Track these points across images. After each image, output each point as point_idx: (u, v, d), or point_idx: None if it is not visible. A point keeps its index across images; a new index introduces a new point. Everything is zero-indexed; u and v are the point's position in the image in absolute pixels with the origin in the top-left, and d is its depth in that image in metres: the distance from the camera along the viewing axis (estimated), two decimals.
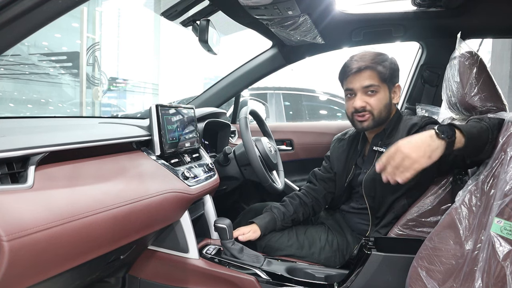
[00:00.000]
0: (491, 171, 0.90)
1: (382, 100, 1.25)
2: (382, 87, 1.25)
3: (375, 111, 1.24)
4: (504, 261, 0.78)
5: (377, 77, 1.24)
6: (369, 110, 1.24)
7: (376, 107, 1.24)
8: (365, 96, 1.25)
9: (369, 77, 1.23)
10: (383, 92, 1.25)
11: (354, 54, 1.31)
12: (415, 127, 1.19)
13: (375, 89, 1.24)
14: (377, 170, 0.96)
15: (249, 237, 1.34)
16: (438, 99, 1.72)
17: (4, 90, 8.52)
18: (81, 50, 8.03)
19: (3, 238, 0.63)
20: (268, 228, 1.38)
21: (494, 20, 1.65)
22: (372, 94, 1.24)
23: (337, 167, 1.44)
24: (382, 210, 1.26)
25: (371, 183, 1.25)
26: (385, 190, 1.22)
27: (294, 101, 5.02)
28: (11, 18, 0.68)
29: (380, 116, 1.25)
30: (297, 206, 1.46)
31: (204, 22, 1.34)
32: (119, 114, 10.14)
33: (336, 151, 1.47)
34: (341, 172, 1.42)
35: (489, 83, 1.12)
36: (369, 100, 1.24)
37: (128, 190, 0.95)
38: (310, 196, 1.49)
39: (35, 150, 0.79)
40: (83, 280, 1.02)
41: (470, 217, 0.91)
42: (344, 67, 1.30)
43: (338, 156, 1.44)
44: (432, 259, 0.96)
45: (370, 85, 1.23)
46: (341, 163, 1.42)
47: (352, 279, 1.12)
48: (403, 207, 1.22)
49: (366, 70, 1.24)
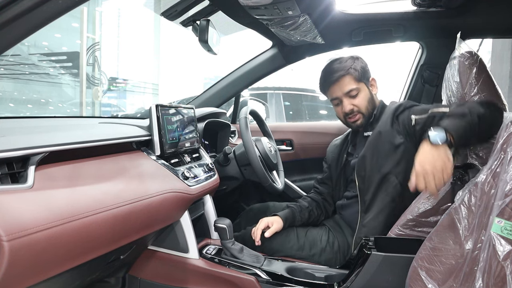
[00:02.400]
0: (491, 171, 0.90)
1: (365, 97, 1.38)
2: (361, 86, 1.38)
3: (363, 109, 1.38)
4: (504, 261, 0.78)
5: (353, 80, 1.37)
6: (357, 110, 1.38)
7: (363, 105, 1.38)
8: (350, 99, 1.38)
9: (347, 82, 1.36)
10: (363, 90, 1.38)
11: (326, 66, 1.43)
12: (400, 107, 1.30)
13: (356, 91, 1.37)
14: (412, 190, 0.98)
15: (274, 230, 1.36)
16: (438, 99, 1.72)
17: (4, 90, 8.52)
18: (81, 50, 8.02)
19: (3, 238, 0.63)
20: (288, 219, 1.41)
21: (494, 20, 1.65)
22: (355, 96, 1.37)
23: (331, 161, 1.54)
24: (370, 191, 1.29)
25: (361, 161, 1.33)
26: (373, 167, 1.29)
27: (294, 101, 5.02)
28: (11, 18, 0.68)
29: (368, 111, 1.39)
30: (310, 202, 1.52)
31: (204, 22, 1.34)
32: (119, 114, 10.15)
33: (331, 150, 1.59)
34: (335, 163, 1.51)
35: (489, 83, 1.12)
36: (354, 102, 1.38)
37: (128, 190, 0.95)
38: (318, 196, 1.56)
39: (35, 150, 0.79)
40: (83, 280, 1.02)
41: (470, 217, 0.91)
42: (323, 80, 1.43)
43: (332, 151, 1.57)
44: (432, 259, 0.96)
45: (350, 90, 1.36)
46: (335, 155, 1.53)
47: (352, 279, 1.12)
48: (396, 187, 1.25)
49: (342, 77, 1.36)
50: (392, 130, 1.28)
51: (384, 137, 1.28)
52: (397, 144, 1.26)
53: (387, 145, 1.28)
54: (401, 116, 1.28)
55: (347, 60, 1.38)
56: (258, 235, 1.34)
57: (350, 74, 1.36)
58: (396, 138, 1.27)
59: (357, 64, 1.38)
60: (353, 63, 1.37)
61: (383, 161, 1.27)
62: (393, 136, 1.27)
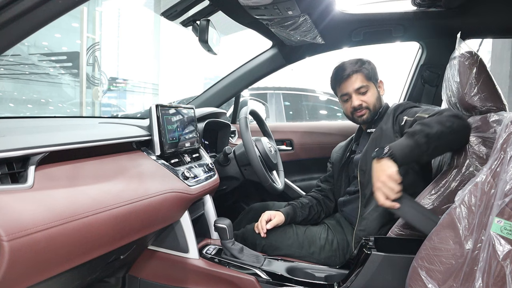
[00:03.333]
0: (491, 171, 0.90)
1: (374, 95, 1.44)
2: (370, 85, 1.44)
3: (371, 105, 1.43)
4: (504, 260, 0.78)
5: (364, 77, 1.43)
6: (366, 106, 1.43)
7: (371, 102, 1.43)
8: (359, 95, 1.43)
9: (358, 79, 1.42)
10: (372, 89, 1.44)
11: (338, 65, 1.48)
12: (400, 107, 1.35)
13: (366, 88, 1.43)
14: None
15: (276, 223, 1.39)
16: (438, 99, 1.72)
17: (4, 90, 8.51)
18: (81, 50, 8.01)
19: (3, 238, 0.63)
20: (289, 214, 1.44)
21: (494, 20, 1.65)
22: (364, 93, 1.43)
23: (335, 160, 1.58)
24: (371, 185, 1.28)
25: (364, 156, 1.36)
26: None
27: (294, 101, 5.02)
28: (11, 18, 0.68)
29: (375, 108, 1.44)
30: (311, 199, 1.56)
31: (204, 22, 1.34)
32: (119, 114, 10.14)
33: (336, 151, 1.64)
34: (339, 161, 1.56)
35: (489, 83, 1.12)
36: (363, 98, 1.43)
37: (128, 190, 0.95)
38: (319, 194, 1.60)
39: (35, 150, 0.79)
40: (83, 280, 1.02)
41: (470, 217, 0.91)
42: (334, 76, 1.48)
43: (337, 151, 1.62)
44: (432, 259, 0.96)
45: (361, 86, 1.42)
46: (340, 155, 1.58)
47: (352, 279, 1.12)
48: None
49: (354, 74, 1.42)
50: (392, 129, 1.32)
51: (386, 135, 1.32)
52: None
53: (388, 141, 1.29)
54: (400, 116, 1.32)
55: (359, 60, 1.46)
56: (264, 227, 1.37)
57: (362, 72, 1.42)
58: (394, 136, 1.30)
59: (368, 65, 1.45)
60: (364, 63, 1.45)
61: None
62: (392, 134, 1.31)
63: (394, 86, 2.60)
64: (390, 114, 1.36)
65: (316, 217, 1.53)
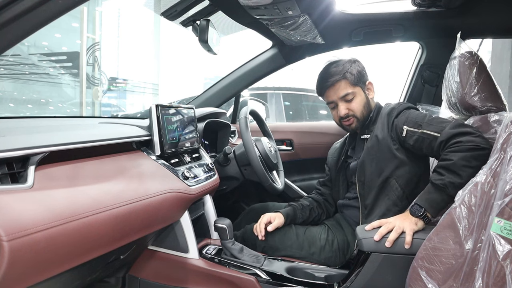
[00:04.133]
0: (491, 170, 0.90)
1: (361, 102, 1.38)
2: (357, 90, 1.37)
3: (358, 113, 1.38)
4: (504, 260, 0.78)
5: (349, 84, 1.36)
6: (352, 114, 1.38)
7: (358, 110, 1.38)
8: (346, 103, 1.38)
9: (343, 87, 1.36)
10: (359, 95, 1.38)
11: (322, 70, 1.44)
12: (394, 111, 1.31)
13: (352, 95, 1.37)
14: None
15: (276, 225, 1.38)
16: (438, 99, 1.72)
17: (4, 90, 8.51)
18: (81, 50, 8.02)
19: (3, 238, 0.63)
20: (289, 216, 1.43)
21: (494, 20, 1.65)
22: (350, 100, 1.37)
23: (331, 164, 1.55)
24: (371, 196, 1.30)
25: (361, 166, 1.33)
26: (373, 172, 1.30)
27: (294, 101, 5.02)
28: (11, 18, 0.68)
29: (363, 115, 1.39)
30: (311, 201, 1.55)
31: (204, 22, 1.34)
32: (119, 114, 10.14)
33: (331, 153, 1.60)
34: (335, 166, 1.52)
35: (489, 83, 1.12)
36: (350, 106, 1.38)
37: (128, 190, 0.95)
38: (319, 196, 1.58)
39: (35, 150, 0.79)
40: (83, 280, 1.02)
41: (470, 217, 0.91)
42: (319, 83, 1.43)
43: (332, 154, 1.58)
44: (432, 259, 0.96)
45: (346, 94, 1.36)
46: (335, 158, 1.54)
47: (352, 279, 1.12)
48: (396, 190, 1.26)
49: (338, 82, 1.36)
50: (388, 136, 1.28)
51: (382, 143, 1.28)
52: (395, 150, 1.26)
53: (385, 150, 1.28)
54: (396, 121, 1.28)
55: (344, 64, 1.38)
56: (262, 229, 1.36)
57: (346, 78, 1.35)
58: (393, 144, 1.27)
59: (354, 68, 1.37)
60: (349, 66, 1.37)
61: (383, 166, 1.28)
62: (390, 142, 1.27)
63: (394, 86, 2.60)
64: (384, 119, 1.31)
65: (316, 219, 1.51)
